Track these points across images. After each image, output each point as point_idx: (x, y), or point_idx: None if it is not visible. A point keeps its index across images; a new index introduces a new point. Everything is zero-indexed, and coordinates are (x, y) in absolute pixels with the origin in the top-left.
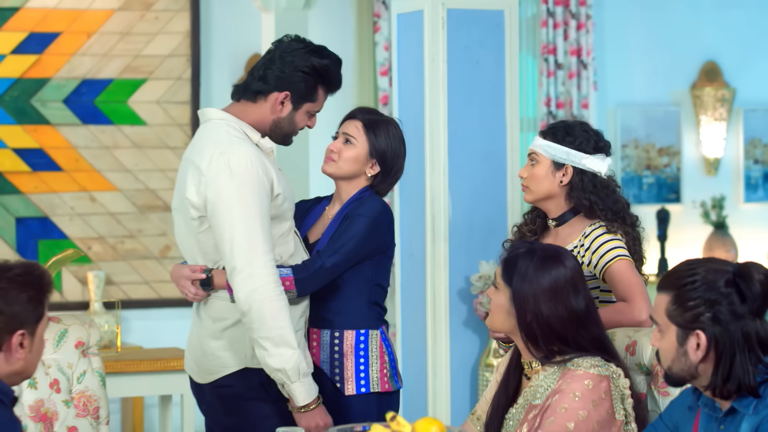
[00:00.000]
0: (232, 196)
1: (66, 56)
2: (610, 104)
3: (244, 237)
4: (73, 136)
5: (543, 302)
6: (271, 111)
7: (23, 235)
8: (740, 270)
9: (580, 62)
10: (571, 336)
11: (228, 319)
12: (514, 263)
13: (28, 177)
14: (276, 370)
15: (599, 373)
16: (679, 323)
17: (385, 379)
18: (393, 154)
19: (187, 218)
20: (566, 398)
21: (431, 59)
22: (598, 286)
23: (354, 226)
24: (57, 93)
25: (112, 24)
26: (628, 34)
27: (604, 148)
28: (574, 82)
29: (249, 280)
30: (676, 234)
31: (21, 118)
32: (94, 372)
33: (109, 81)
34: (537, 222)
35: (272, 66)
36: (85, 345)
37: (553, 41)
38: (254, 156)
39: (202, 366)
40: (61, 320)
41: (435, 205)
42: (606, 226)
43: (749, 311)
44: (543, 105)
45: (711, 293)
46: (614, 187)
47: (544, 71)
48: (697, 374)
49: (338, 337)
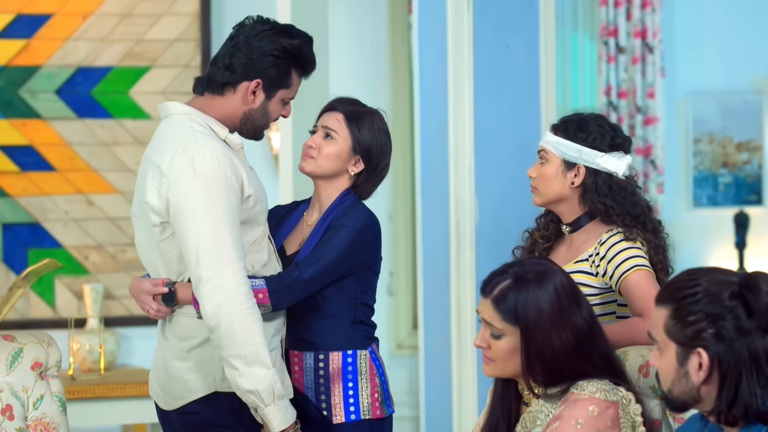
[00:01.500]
0: (196, 198)
1: (58, 41)
2: (680, 93)
3: (210, 244)
4: (67, 132)
5: (551, 331)
6: (243, 102)
7: (11, 244)
8: (747, 281)
9: (645, 45)
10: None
11: (195, 337)
12: (509, 299)
13: (16, 178)
14: (248, 392)
15: (606, 398)
16: (678, 340)
17: (377, 404)
18: (378, 150)
19: (148, 225)
20: (567, 426)
21: (455, 44)
22: (615, 300)
23: (336, 237)
24: (48, 83)
25: (111, 4)
26: (701, 12)
27: (623, 146)
28: (638, 67)
29: (217, 292)
30: (757, 241)
31: (8, 111)
32: (53, 396)
33: (108, 69)
34: (550, 227)
35: (237, 53)
36: (43, 366)
37: (614, 21)
38: (221, 153)
39: (168, 390)
40: (16, 338)
41: (460, 208)
42: (624, 233)
43: (757, 327)
44: (602, 94)
45: (714, 307)
46: (633, 188)
47: (604, 56)
48: (700, 398)
49: (323, 360)
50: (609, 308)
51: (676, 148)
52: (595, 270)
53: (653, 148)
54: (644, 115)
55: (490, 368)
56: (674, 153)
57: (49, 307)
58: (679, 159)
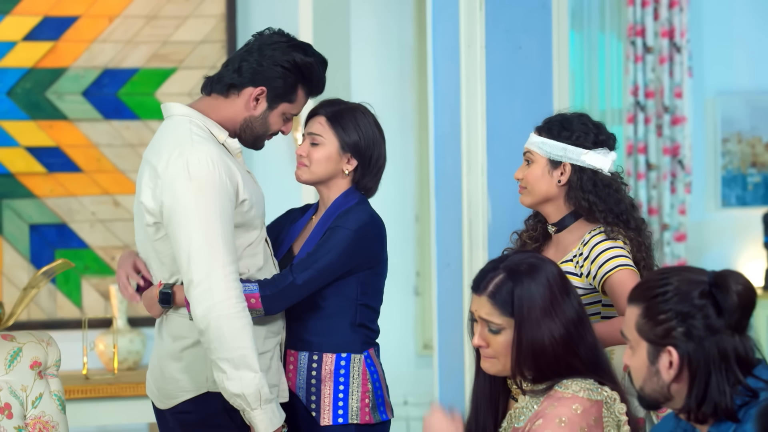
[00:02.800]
0: (189, 201)
1: (85, 43)
2: (709, 93)
3: (202, 247)
4: (93, 133)
5: (543, 323)
6: (245, 108)
7: (38, 244)
8: (717, 280)
9: (672, 45)
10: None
11: (188, 338)
12: (505, 292)
13: (43, 179)
14: (234, 396)
15: (590, 398)
16: (649, 339)
17: (367, 410)
18: (367, 143)
19: (143, 224)
20: (551, 424)
21: (467, 45)
22: (600, 300)
23: (332, 239)
24: (75, 84)
25: (137, 6)
26: (729, 12)
27: (607, 142)
28: (666, 67)
29: (207, 295)
30: None
31: (35, 112)
32: (52, 395)
33: (134, 71)
34: (538, 228)
35: (249, 58)
36: (42, 365)
37: (641, 21)
38: (216, 157)
39: (162, 389)
40: (15, 338)
41: (472, 209)
42: (606, 232)
43: (726, 325)
44: (629, 94)
45: (684, 305)
46: (618, 186)
47: (631, 56)
48: (671, 396)
49: (317, 361)
50: (594, 308)
51: (704, 148)
52: (579, 270)
53: (681, 148)
54: (672, 115)
55: (493, 365)
56: (702, 153)
57: (76, 307)
58: (707, 159)
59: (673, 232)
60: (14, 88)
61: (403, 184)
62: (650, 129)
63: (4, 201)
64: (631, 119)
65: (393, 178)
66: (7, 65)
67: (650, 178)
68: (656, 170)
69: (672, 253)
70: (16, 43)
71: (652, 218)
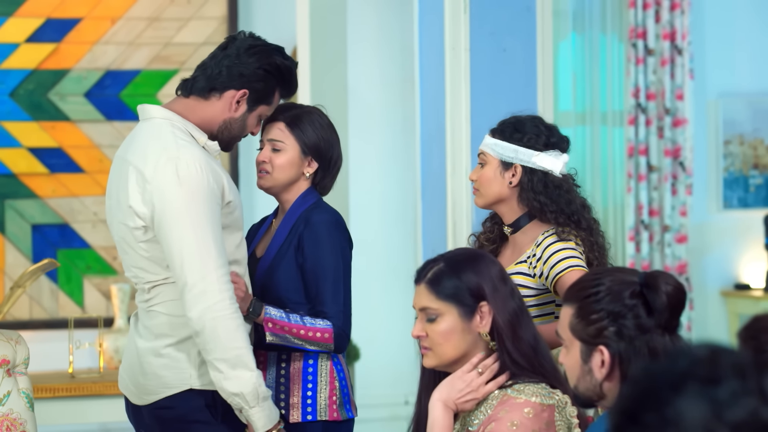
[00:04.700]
0: (180, 206)
1: (87, 45)
2: (711, 95)
3: (195, 251)
4: (95, 134)
5: (495, 302)
6: (226, 109)
7: (40, 244)
8: (647, 280)
9: (674, 47)
10: (510, 350)
11: (171, 336)
12: (444, 280)
13: (45, 179)
14: (233, 395)
15: (541, 402)
16: (582, 338)
17: (334, 407)
18: (326, 144)
19: (130, 227)
20: (503, 427)
21: (452, 47)
22: (554, 300)
23: (325, 258)
24: (77, 86)
25: (139, 8)
26: (731, 14)
27: (559, 145)
28: (667, 69)
29: (201, 298)
30: None
31: (37, 113)
32: (20, 393)
33: (136, 72)
34: (495, 230)
35: (230, 62)
36: (11, 363)
37: (642, 24)
38: (203, 161)
39: (141, 386)
40: None
41: (456, 210)
42: (557, 233)
43: (656, 325)
44: (631, 96)
45: (615, 305)
46: (569, 187)
47: (633, 58)
48: (603, 394)
49: (285, 360)
50: (547, 309)
51: (706, 150)
52: (532, 271)
53: (682, 149)
54: (673, 117)
55: (429, 358)
56: (704, 155)
57: (78, 306)
58: (709, 161)
59: (674, 234)
60: (17, 89)
61: (406, 184)
62: (651, 131)
63: (7, 201)
64: (632, 121)
65: (395, 177)
66: (10, 67)
67: (651, 179)
68: (657, 172)
69: (673, 254)
70: (19, 44)
71: (653, 220)
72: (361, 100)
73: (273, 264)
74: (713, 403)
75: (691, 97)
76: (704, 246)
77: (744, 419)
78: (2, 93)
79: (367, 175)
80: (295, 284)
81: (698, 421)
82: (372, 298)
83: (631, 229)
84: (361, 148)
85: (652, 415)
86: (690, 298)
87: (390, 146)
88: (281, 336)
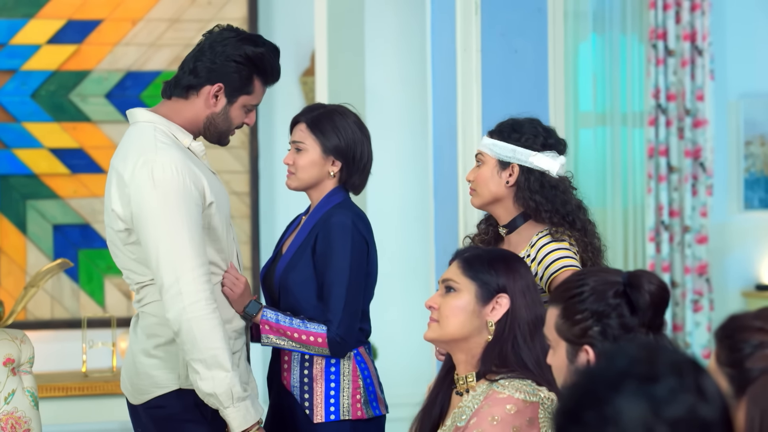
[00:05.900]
0: (154, 208)
1: (108, 46)
2: (731, 96)
3: (169, 252)
4: (116, 135)
5: (521, 300)
6: (206, 106)
7: (61, 244)
8: (630, 280)
9: (694, 48)
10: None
11: (161, 336)
12: (479, 264)
13: (66, 180)
14: (207, 395)
15: (525, 399)
16: (567, 338)
17: (358, 405)
18: (347, 143)
19: (114, 229)
20: (483, 422)
21: (463, 49)
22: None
23: (337, 261)
24: (98, 87)
25: (160, 10)
26: (752, 15)
27: (556, 146)
28: (688, 70)
29: (177, 299)
30: None
31: (58, 114)
32: (24, 391)
33: (157, 73)
34: (489, 231)
35: (202, 57)
36: (16, 362)
37: (663, 24)
38: (180, 163)
39: (135, 385)
40: None
41: (468, 211)
42: (551, 233)
43: (640, 324)
44: (651, 97)
45: (599, 305)
46: (565, 187)
47: (653, 59)
48: None
49: (308, 360)
50: None
51: (726, 151)
52: None
53: (702, 150)
54: (693, 118)
55: (432, 330)
56: (725, 156)
57: (99, 306)
58: (730, 161)
59: (694, 235)
60: (38, 90)
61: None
62: (672, 132)
63: (29, 201)
64: (653, 122)
65: (412, 176)
66: (32, 68)
67: (672, 180)
68: (678, 173)
69: (693, 255)
70: (40, 46)
71: (673, 220)
72: (378, 101)
73: (291, 263)
74: (651, 401)
75: (712, 98)
76: (725, 247)
77: (682, 416)
78: (24, 94)
79: (384, 175)
80: (310, 284)
81: (637, 419)
82: (389, 298)
83: (651, 229)
84: (378, 148)
85: (592, 414)
86: (710, 299)
87: (407, 147)
88: (279, 338)
